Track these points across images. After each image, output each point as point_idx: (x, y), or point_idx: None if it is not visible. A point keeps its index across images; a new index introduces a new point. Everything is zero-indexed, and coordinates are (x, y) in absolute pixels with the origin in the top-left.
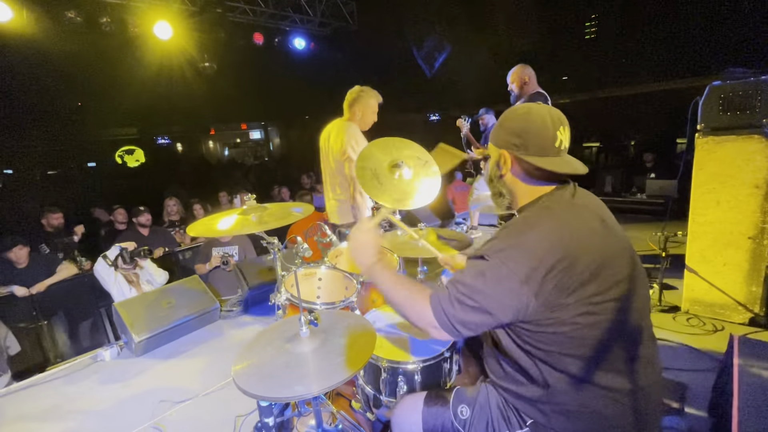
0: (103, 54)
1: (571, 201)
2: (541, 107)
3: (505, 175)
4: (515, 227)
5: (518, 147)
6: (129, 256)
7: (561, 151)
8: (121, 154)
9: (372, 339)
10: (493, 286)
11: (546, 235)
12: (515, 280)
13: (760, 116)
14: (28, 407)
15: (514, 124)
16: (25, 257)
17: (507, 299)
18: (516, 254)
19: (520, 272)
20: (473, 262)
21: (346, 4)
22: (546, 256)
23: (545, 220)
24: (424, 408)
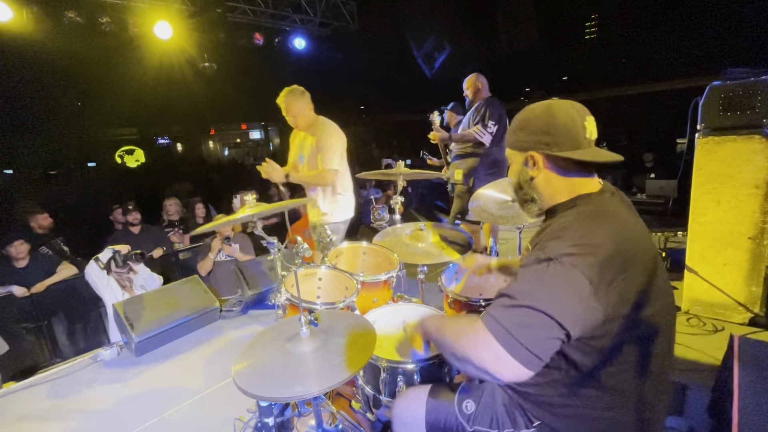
0: (103, 54)
1: (622, 204)
2: (563, 102)
3: (536, 177)
4: (580, 228)
5: (549, 145)
6: (122, 259)
7: (592, 142)
8: (121, 154)
9: (372, 339)
10: (561, 289)
11: (614, 239)
12: (586, 286)
13: (760, 116)
14: (28, 407)
15: (538, 122)
16: (25, 253)
17: (575, 304)
18: (588, 257)
19: (593, 276)
20: (535, 267)
21: (346, 4)
22: (618, 263)
23: (610, 223)
24: (429, 400)
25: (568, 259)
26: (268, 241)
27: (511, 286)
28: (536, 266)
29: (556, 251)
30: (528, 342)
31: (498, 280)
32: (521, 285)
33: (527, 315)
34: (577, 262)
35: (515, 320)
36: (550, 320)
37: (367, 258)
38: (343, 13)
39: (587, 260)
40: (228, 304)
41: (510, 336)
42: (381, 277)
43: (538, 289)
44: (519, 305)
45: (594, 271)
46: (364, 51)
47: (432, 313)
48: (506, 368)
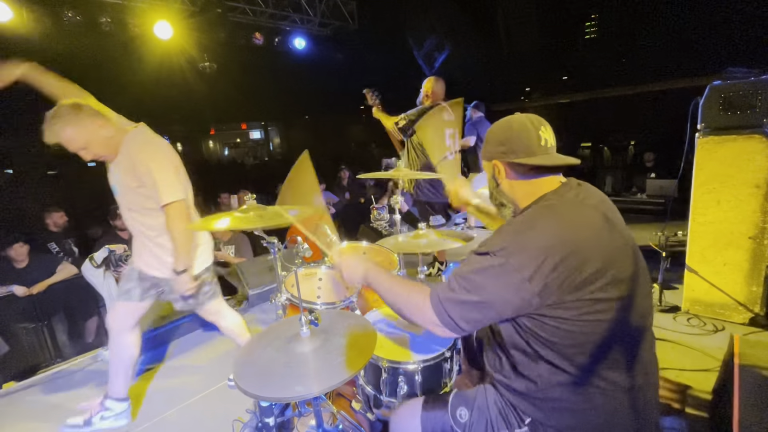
0: (103, 54)
1: (576, 199)
2: (519, 116)
3: (501, 184)
4: (519, 224)
5: (506, 153)
6: (117, 259)
7: (548, 149)
8: None
9: (372, 339)
10: (495, 281)
11: (551, 232)
12: (518, 277)
13: (760, 116)
14: (28, 407)
15: (497, 135)
16: (24, 255)
17: (509, 295)
18: (520, 251)
19: (524, 269)
20: (476, 258)
21: (346, 4)
22: (550, 254)
23: (549, 217)
24: (423, 413)
25: (501, 252)
26: (268, 242)
27: (462, 274)
28: (479, 258)
29: (493, 245)
30: (465, 324)
31: None
32: (470, 276)
33: (472, 307)
34: (508, 254)
35: (458, 311)
36: (490, 311)
37: (368, 258)
38: (343, 13)
39: (522, 255)
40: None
41: (452, 322)
42: None
43: (485, 282)
44: (464, 298)
45: (527, 263)
46: (364, 51)
47: None
48: (440, 333)
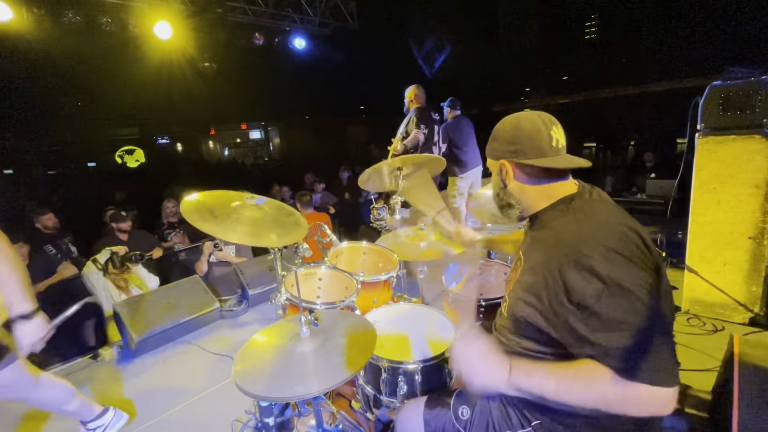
0: (103, 54)
1: (601, 199)
2: (530, 113)
3: (508, 185)
4: (585, 241)
5: (515, 153)
6: (120, 261)
7: (559, 150)
8: (121, 154)
9: (372, 339)
10: (646, 309)
11: (625, 235)
12: (653, 288)
13: (760, 116)
14: (28, 407)
15: (506, 133)
16: (24, 256)
17: (660, 308)
18: (628, 265)
19: (648, 277)
20: (613, 302)
21: (346, 4)
22: (639, 254)
23: (604, 221)
24: (426, 411)
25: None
26: None
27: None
28: (614, 299)
29: (610, 273)
30: (671, 364)
31: (498, 279)
32: (632, 324)
33: (663, 345)
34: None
35: (664, 356)
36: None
37: (367, 258)
38: (343, 12)
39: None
40: (228, 304)
41: (657, 370)
42: (381, 277)
43: (644, 314)
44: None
45: (638, 267)
46: (364, 51)
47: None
48: (671, 401)
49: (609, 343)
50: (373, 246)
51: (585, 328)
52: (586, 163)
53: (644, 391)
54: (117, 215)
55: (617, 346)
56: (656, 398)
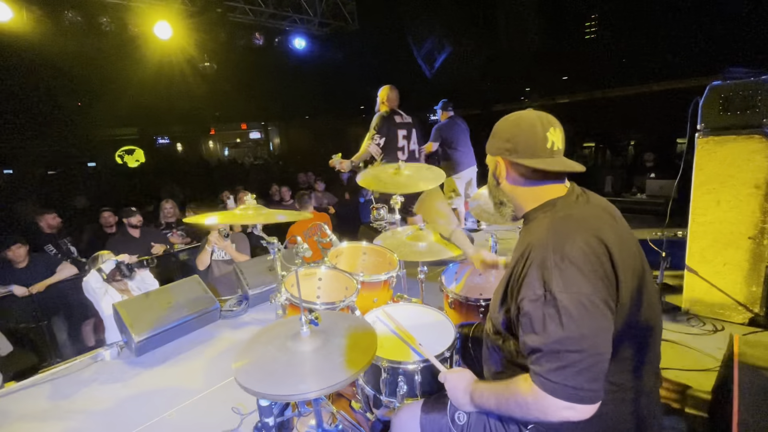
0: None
1: (584, 201)
2: (530, 113)
3: (501, 183)
4: (546, 246)
5: (509, 151)
6: (128, 268)
7: (554, 152)
8: (121, 154)
9: (373, 341)
10: (587, 323)
11: (588, 245)
12: (601, 303)
13: (760, 116)
14: (28, 407)
15: (504, 131)
16: (23, 256)
17: (605, 326)
18: (579, 277)
19: (599, 292)
20: (545, 310)
21: (346, 4)
22: (598, 266)
23: (574, 228)
24: (422, 415)
25: (564, 288)
26: (268, 242)
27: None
28: (544, 307)
29: (553, 284)
30: (594, 384)
31: (497, 279)
32: (554, 333)
33: (588, 364)
34: (576, 287)
35: (580, 378)
36: (596, 355)
37: (367, 258)
38: (343, 13)
39: (582, 280)
40: (228, 304)
41: (583, 393)
42: (381, 277)
43: (580, 331)
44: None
45: (596, 285)
46: (364, 51)
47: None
48: (571, 414)
49: (531, 343)
50: (373, 246)
51: (520, 328)
52: (580, 168)
53: (545, 400)
54: (127, 211)
55: (535, 350)
56: (553, 410)
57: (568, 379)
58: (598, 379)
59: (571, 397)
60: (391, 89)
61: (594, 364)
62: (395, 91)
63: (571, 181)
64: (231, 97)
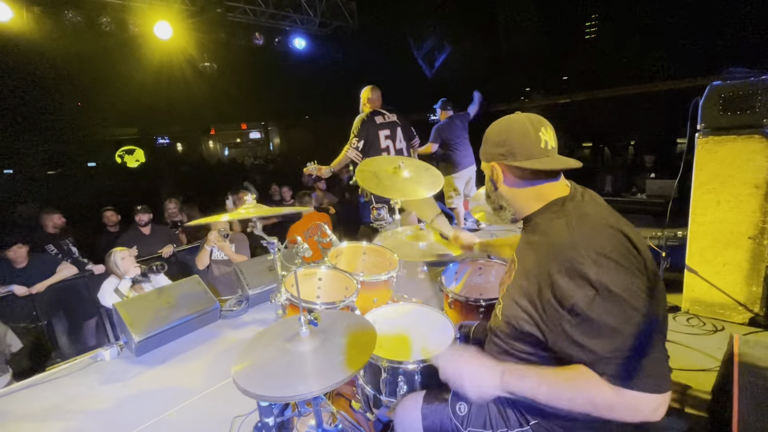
0: (103, 54)
1: (594, 201)
2: (519, 115)
3: (499, 187)
4: (575, 246)
5: (504, 156)
6: (143, 276)
7: (549, 151)
8: (121, 154)
9: (372, 339)
10: (645, 310)
11: (615, 238)
12: (645, 292)
13: (760, 116)
14: (28, 407)
15: (496, 136)
16: (24, 256)
17: (653, 313)
18: (619, 270)
19: (640, 282)
20: (604, 307)
21: (346, 4)
22: (631, 257)
23: (595, 225)
24: (424, 405)
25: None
26: (268, 241)
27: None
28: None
29: (601, 278)
30: (667, 371)
31: (497, 279)
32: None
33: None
34: (614, 277)
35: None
36: (661, 341)
37: (367, 258)
38: (343, 13)
39: (619, 270)
40: (228, 304)
41: (663, 378)
42: (381, 277)
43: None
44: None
45: (631, 271)
46: (364, 51)
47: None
48: (656, 414)
49: (602, 349)
50: (373, 246)
51: (578, 333)
52: (576, 164)
53: (633, 397)
54: (138, 209)
55: (610, 352)
56: (645, 404)
57: (653, 371)
58: (669, 367)
59: (660, 388)
60: (372, 89)
61: (663, 352)
62: (377, 91)
63: (569, 180)
64: (231, 97)
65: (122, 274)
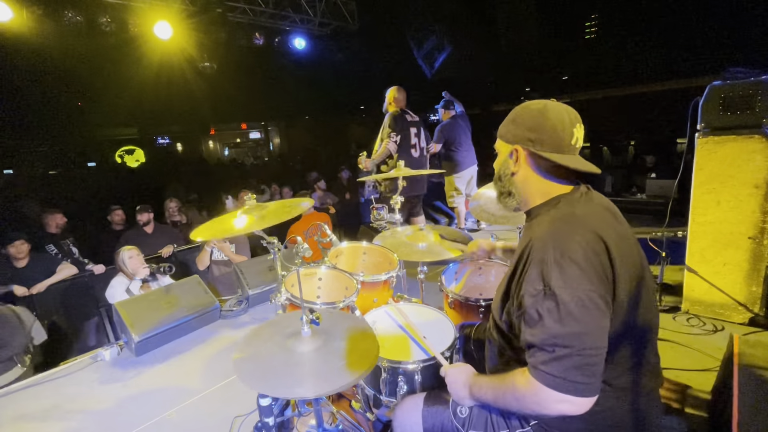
0: (103, 54)
1: (587, 199)
2: (558, 105)
3: (517, 173)
4: (546, 242)
5: (533, 142)
6: (151, 276)
7: (576, 149)
8: (121, 154)
9: (374, 346)
10: (586, 319)
11: (588, 243)
12: (599, 300)
13: (760, 116)
14: (28, 407)
15: (529, 119)
16: (25, 253)
17: (603, 323)
18: (578, 274)
19: (597, 289)
20: (544, 305)
21: (346, 4)
22: (597, 263)
23: (575, 225)
24: (424, 408)
25: (564, 284)
26: (268, 242)
27: (544, 334)
28: (545, 303)
29: (550, 282)
30: (592, 379)
31: (497, 279)
32: (553, 328)
33: (576, 357)
34: (575, 284)
35: (568, 367)
36: (593, 349)
37: (367, 258)
38: (343, 12)
39: (582, 278)
40: (228, 304)
41: (580, 386)
42: (381, 277)
43: (579, 327)
44: (571, 355)
45: (595, 283)
46: (364, 51)
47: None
48: (582, 406)
49: (530, 338)
50: (373, 246)
51: (520, 323)
52: (596, 170)
53: (542, 391)
54: (142, 208)
55: (534, 343)
56: (549, 398)
57: (566, 372)
58: (596, 374)
59: (568, 390)
60: (398, 90)
61: (591, 359)
62: (403, 92)
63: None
64: (231, 97)
65: (132, 274)
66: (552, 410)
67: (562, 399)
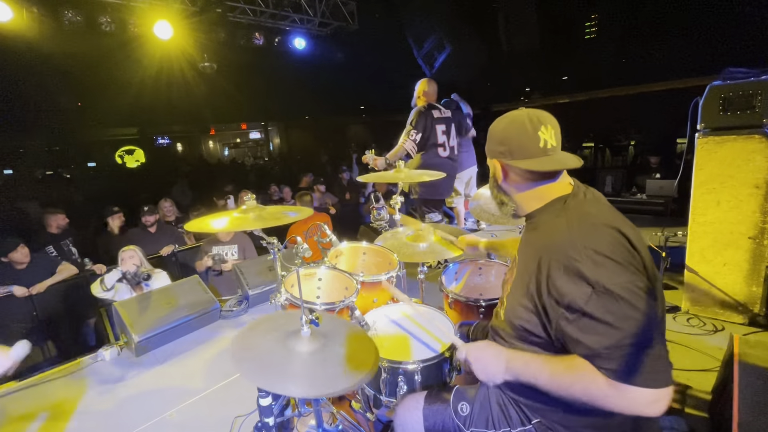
0: (103, 54)
1: (598, 202)
2: (520, 112)
3: (502, 184)
4: (573, 244)
5: (504, 154)
6: (134, 277)
7: (548, 151)
8: (121, 154)
9: (373, 355)
10: (636, 312)
11: (613, 237)
12: (645, 289)
13: (760, 116)
14: (28, 407)
15: (497, 133)
16: (26, 255)
17: (652, 311)
18: (618, 267)
19: (640, 279)
20: (602, 305)
21: (346, 4)
22: (629, 256)
23: (594, 223)
24: (425, 406)
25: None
26: (268, 242)
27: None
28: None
29: (592, 274)
30: (666, 366)
31: (497, 279)
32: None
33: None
34: (612, 276)
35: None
36: (660, 337)
37: (367, 258)
38: (343, 13)
39: (618, 269)
40: (228, 304)
41: (662, 374)
42: (381, 277)
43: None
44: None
45: (631, 271)
46: (364, 51)
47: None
48: (668, 397)
49: (598, 345)
50: (373, 246)
51: (575, 330)
52: (576, 164)
53: (629, 391)
54: (150, 209)
55: (605, 349)
56: (640, 398)
57: (651, 366)
58: (669, 362)
59: (658, 383)
60: (429, 82)
61: (663, 348)
62: (434, 84)
63: (572, 177)
64: (231, 97)
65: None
66: (644, 410)
67: (655, 396)
